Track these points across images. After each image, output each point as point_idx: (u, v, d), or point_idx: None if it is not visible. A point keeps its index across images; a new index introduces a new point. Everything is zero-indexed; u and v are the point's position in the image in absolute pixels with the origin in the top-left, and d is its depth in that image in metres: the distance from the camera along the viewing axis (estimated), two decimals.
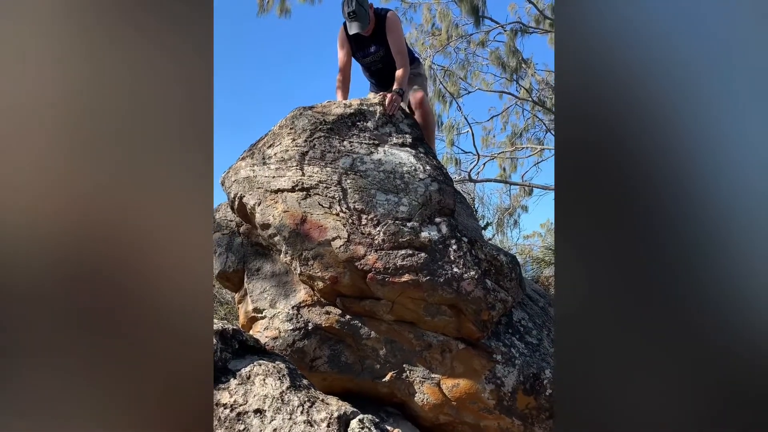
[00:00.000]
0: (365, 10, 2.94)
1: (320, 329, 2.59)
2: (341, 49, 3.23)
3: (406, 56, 3.04)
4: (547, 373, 2.55)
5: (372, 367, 2.60)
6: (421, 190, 2.55)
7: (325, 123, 2.71)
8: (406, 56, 3.04)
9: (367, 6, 2.96)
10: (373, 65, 3.26)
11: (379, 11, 3.11)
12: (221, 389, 1.51)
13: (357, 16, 2.93)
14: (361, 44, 3.18)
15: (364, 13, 2.93)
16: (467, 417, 2.54)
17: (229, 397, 1.48)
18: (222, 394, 1.49)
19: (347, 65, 3.25)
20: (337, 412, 1.46)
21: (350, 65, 3.28)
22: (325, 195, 2.50)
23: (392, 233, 2.42)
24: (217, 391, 1.48)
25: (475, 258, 2.54)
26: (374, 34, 3.10)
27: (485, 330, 2.52)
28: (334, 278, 2.47)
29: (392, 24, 3.04)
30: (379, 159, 2.60)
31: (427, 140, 3.17)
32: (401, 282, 2.40)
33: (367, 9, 2.97)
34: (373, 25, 3.05)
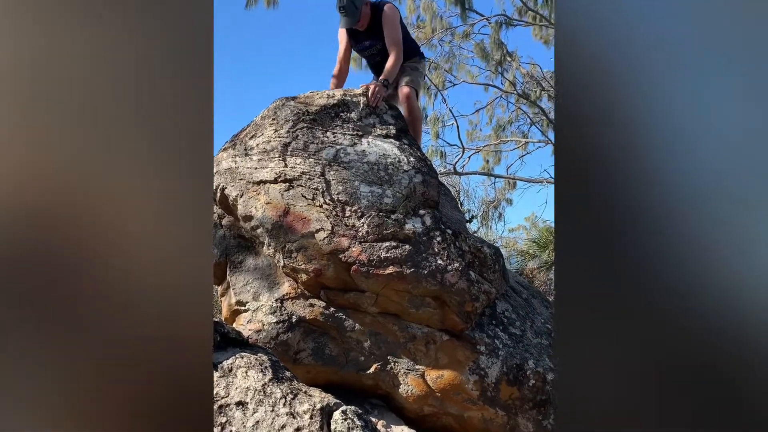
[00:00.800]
0: (355, 6, 2.95)
1: (304, 322, 2.57)
2: (340, 42, 3.24)
3: (399, 48, 3.01)
4: (530, 364, 2.57)
5: (356, 359, 2.60)
6: (405, 182, 2.54)
7: (308, 114, 2.68)
8: (399, 48, 3.01)
9: (359, 1, 2.97)
10: (371, 59, 3.26)
11: (377, 4, 3.09)
12: None
13: (346, 11, 2.94)
14: (358, 38, 3.18)
15: (353, 9, 2.95)
16: (451, 408, 2.56)
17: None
18: None
19: (344, 58, 3.26)
20: (320, 403, 1.45)
21: (348, 58, 3.29)
22: (308, 186, 2.48)
23: (376, 225, 2.42)
24: None
25: (459, 250, 2.55)
26: (371, 28, 3.09)
27: (469, 321, 2.54)
28: (317, 271, 2.46)
29: (387, 16, 3.03)
30: (362, 150, 2.59)
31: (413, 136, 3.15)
32: (385, 274, 2.40)
33: (358, 5, 2.97)
34: (368, 20, 3.05)
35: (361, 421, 1.45)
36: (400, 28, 3.07)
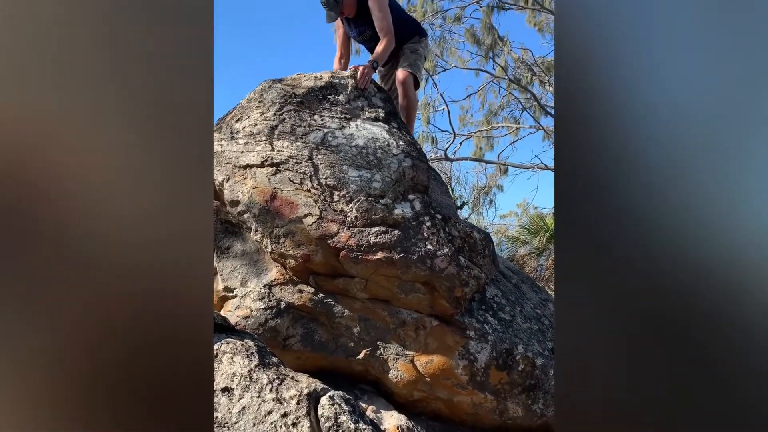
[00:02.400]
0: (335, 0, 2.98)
1: (293, 308, 2.55)
2: (336, 29, 3.31)
3: (388, 33, 2.98)
4: (519, 349, 2.57)
5: (346, 344, 2.58)
6: (394, 166, 2.50)
7: (294, 96, 2.63)
8: (388, 33, 2.98)
9: None
10: (366, 44, 3.27)
11: None
12: None
13: (328, 5, 2.98)
14: (350, 25, 3.20)
15: (334, 3, 2.97)
16: (441, 393, 2.56)
17: None
18: None
19: (342, 44, 3.32)
20: (307, 389, 1.43)
21: (346, 44, 3.34)
22: (296, 171, 2.43)
23: (365, 210, 2.39)
24: None
25: (448, 235, 2.53)
26: (360, 14, 3.09)
27: (459, 307, 2.53)
28: (306, 256, 2.43)
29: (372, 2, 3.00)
30: (351, 134, 2.54)
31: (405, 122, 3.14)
32: (375, 259, 2.37)
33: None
34: (356, 7, 3.05)
35: (348, 406, 1.43)
36: (387, 12, 3.02)
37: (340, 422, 1.38)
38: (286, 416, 1.37)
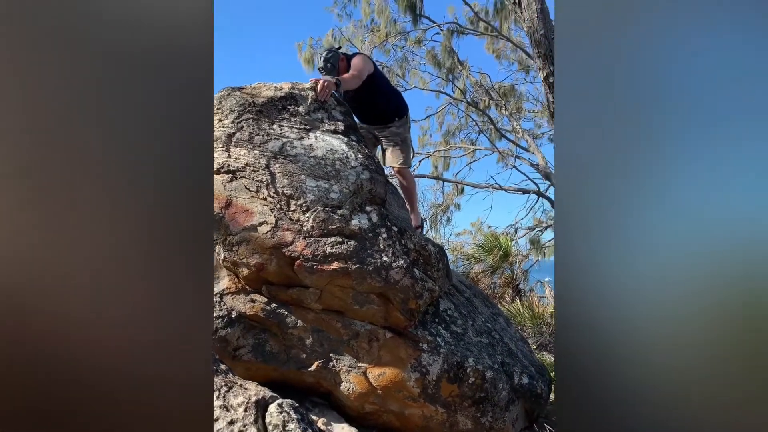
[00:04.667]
0: (332, 65, 3.24)
1: (244, 317, 2.50)
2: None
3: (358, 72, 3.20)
4: (470, 362, 2.61)
5: (298, 356, 2.55)
6: (352, 178, 2.53)
7: (254, 105, 2.62)
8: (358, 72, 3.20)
9: (335, 60, 3.27)
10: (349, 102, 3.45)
11: (349, 56, 3.37)
12: None
13: (326, 71, 3.23)
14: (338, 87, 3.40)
15: (331, 68, 3.23)
16: (392, 405, 2.56)
17: None
18: None
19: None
20: (255, 396, 1.41)
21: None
22: (252, 179, 2.41)
23: (322, 220, 2.39)
24: None
25: (404, 247, 2.56)
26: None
27: (412, 319, 2.55)
28: (260, 265, 2.40)
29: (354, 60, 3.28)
30: (309, 144, 2.55)
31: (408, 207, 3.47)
32: (330, 270, 2.37)
33: (335, 62, 3.26)
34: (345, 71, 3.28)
35: (297, 414, 1.42)
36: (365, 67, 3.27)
37: (288, 430, 1.36)
38: (232, 424, 1.34)
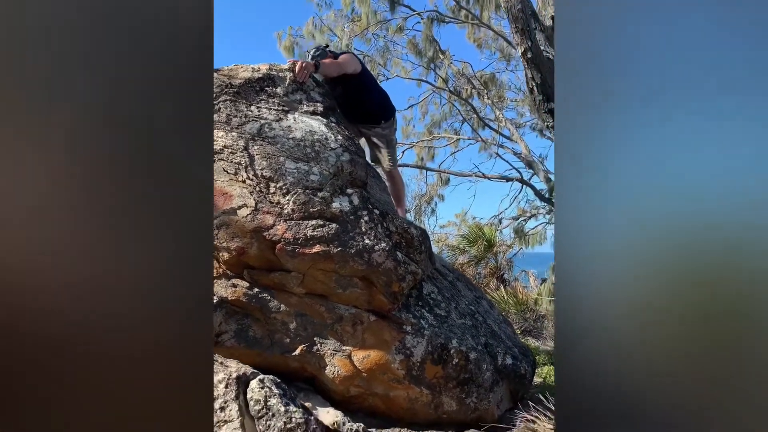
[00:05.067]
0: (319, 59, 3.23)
1: (226, 303, 2.48)
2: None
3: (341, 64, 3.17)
4: (454, 343, 2.62)
5: (281, 341, 2.53)
6: (332, 160, 2.51)
7: (231, 86, 2.58)
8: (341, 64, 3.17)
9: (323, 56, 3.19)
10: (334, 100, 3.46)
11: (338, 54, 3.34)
12: None
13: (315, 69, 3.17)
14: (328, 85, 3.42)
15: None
16: (377, 388, 2.56)
17: None
18: None
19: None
20: (236, 373, 1.40)
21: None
22: (231, 161, 2.38)
23: (302, 203, 2.37)
24: None
25: (386, 230, 2.55)
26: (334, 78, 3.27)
27: (396, 302, 2.55)
28: (240, 249, 2.37)
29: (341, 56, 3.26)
30: (288, 126, 2.52)
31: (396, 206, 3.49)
32: (312, 253, 2.36)
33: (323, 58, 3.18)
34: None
35: (279, 390, 1.41)
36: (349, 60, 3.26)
37: (270, 405, 1.35)
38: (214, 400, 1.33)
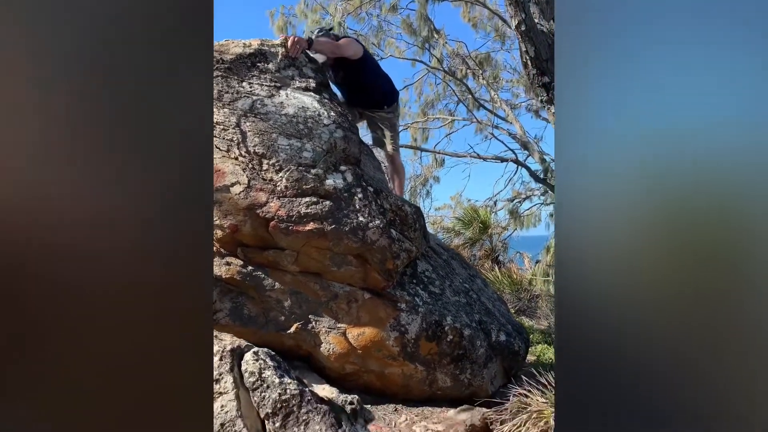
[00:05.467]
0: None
1: (220, 281, 2.48)
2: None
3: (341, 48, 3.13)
4: (448, 320, 2.64)
5: (276, 319, 2.54)
6: (325, 137, 2.48)
7: (222, 62, 2.54)
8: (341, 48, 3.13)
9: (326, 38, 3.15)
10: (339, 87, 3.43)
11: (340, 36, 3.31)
12: None
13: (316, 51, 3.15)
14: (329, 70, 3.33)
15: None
16: (372, 365, 2.58)
17: None
18: None
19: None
20: (231, 345, 1.40)
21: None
22: (223, 137, 2.36)
23: (295, 180, 2.35)
24: None
25: (380, 207, 2.55)
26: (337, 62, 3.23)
27: (390, 279, 2.55)
28: (234, 227, 2.36)
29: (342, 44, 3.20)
30: (281, 102, 2.49)
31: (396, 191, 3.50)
32: (305, 231, 2.35)
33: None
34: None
35: (273, 362, 1.41)
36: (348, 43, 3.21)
37: (265, 377, 1.36)
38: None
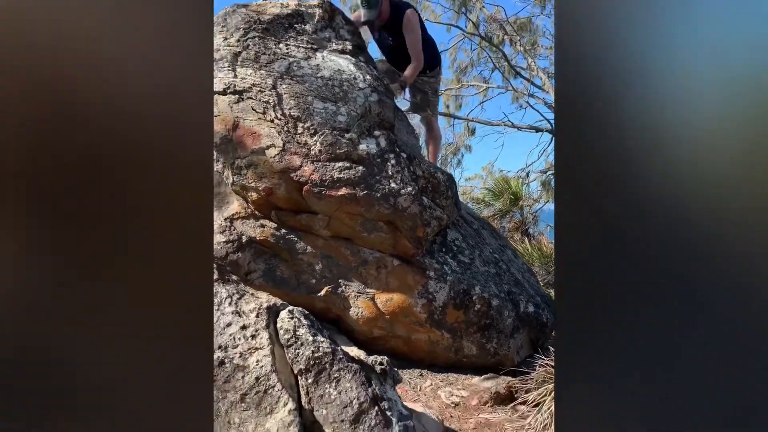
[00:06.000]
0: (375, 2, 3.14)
1: (254, 242, 2.53)
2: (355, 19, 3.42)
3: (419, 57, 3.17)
4: (476, 290, 2.64)
5: (308, 281, 2.59)
6: (360, 101, 2.46)
7: (260, 23, 2.52)
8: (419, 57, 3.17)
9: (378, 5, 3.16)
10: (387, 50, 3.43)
11: (398, 4, 3.26)
12: None
13: (368, 4, 3.13)
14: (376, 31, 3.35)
15: (375, 2, 3.13)
16: (400, 330, 2.62)
17: None
18: None
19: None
20: (267, 303, 1.44)
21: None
22: (259, 99, 2.36)
23: (329, 144, 2.35)
24: None
25: (412, 174, 2.53)
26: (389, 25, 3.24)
27: (420, 247, 2.56)
28: (268, 189, 2.39)
29: (409, 23, 3.19)
30: (317, 65, 2.47)
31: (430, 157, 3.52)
32: (338, 195, 2.36)
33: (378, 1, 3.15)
34: (387, 17, 3.20)
35: (307, 321, 1.45)
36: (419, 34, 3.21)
37: (299, 335, 1.40)
38: (245, 329, 1.38)
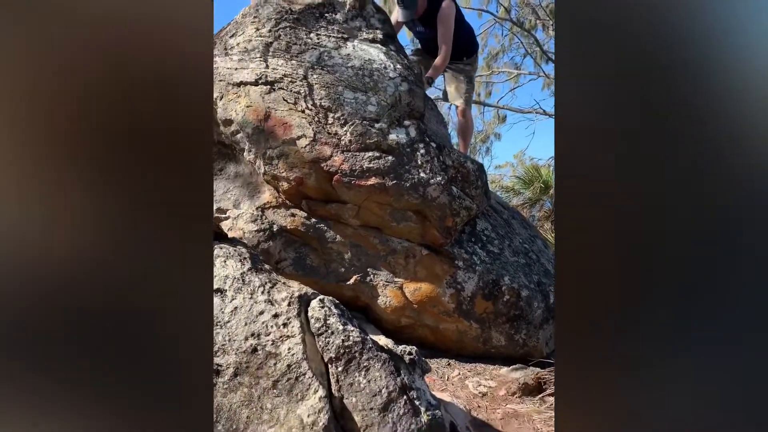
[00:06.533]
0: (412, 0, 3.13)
1: (285, 231, 2.57)
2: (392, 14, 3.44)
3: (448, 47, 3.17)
4: (505, 280, 2.63)
5: (337, 270, 2.63)
6: (390, 90, 2.45)
7: (291, 12, 2.53)
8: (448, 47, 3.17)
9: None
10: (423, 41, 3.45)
11: None
12: None
13: (405, 5, 3.14)
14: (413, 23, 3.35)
15: (412, 2, 3.14)
16: (427, 320, 2.63)
17: None
18: None
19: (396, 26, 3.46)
20: (298, 292, 1.46)
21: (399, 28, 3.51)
22: (290, 90, 2.38)
23: (360, 134, 2.36)
24: None
25: (442, 164, 2.52)
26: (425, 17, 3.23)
27: (449, 237, 2.55)
28: (299, 179, 2.42)
29: (444, 14, 3.18)
30: (347, 54, 2.47)
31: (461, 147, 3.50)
32: (367, 185, 2.37)
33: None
34: (425, 8, 3.20)
35: (338, 310, 1.47)
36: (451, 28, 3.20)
37: (330, 323, 1.42)
38: (277, 317, 1.41)
